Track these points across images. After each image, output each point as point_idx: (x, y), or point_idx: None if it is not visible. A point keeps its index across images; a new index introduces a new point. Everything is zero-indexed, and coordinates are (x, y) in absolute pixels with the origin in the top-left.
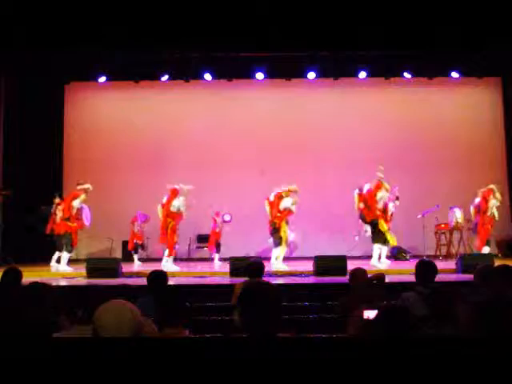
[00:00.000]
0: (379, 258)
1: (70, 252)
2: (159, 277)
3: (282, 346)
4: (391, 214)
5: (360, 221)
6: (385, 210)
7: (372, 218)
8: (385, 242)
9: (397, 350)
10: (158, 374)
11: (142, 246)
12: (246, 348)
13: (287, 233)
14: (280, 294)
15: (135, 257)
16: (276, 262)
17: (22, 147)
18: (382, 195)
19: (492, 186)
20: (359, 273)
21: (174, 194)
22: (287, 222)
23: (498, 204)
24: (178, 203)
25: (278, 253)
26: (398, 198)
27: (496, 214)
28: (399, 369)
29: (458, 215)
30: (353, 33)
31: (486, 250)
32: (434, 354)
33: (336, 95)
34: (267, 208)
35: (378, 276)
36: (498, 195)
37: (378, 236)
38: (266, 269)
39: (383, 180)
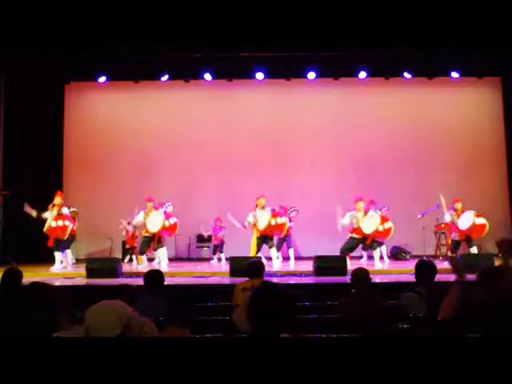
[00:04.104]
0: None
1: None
2: (155, 276)
3: (282, 346)
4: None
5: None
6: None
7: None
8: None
9: (396, 350)
10: (158, 373)
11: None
12: (246, 348)
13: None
14: (291, 296)
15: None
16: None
17: (22, 147)
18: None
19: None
20: (361, 273)
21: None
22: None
23: None
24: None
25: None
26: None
27: None
28: (399, 368)
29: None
30: (353, 33)
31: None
32: (434, 353)
33: (336, 95)
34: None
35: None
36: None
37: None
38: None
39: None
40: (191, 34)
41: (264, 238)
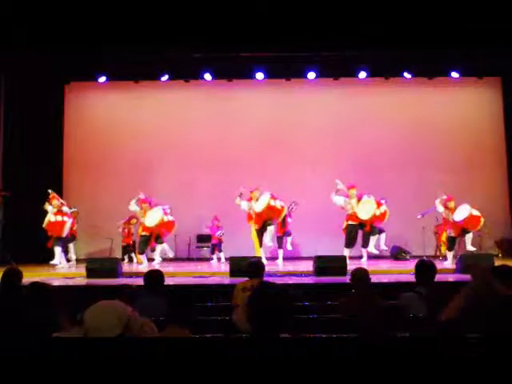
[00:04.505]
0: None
1: None
2: (156, 276)
3: (282, 346)
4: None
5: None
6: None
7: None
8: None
9: (396, 350)
10: (158, 373)
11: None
12: (246, 348)
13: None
14: (290, 296)
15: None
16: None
17: (22, 147)
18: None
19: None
20: (361, 273)
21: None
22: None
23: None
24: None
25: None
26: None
27: None
28: (399, 369)
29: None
30: (353, 33)
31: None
32: (434, 353)
33: (336, 95)
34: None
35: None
36: None
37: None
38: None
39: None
40: (191, 34)
41: (262, 228)
